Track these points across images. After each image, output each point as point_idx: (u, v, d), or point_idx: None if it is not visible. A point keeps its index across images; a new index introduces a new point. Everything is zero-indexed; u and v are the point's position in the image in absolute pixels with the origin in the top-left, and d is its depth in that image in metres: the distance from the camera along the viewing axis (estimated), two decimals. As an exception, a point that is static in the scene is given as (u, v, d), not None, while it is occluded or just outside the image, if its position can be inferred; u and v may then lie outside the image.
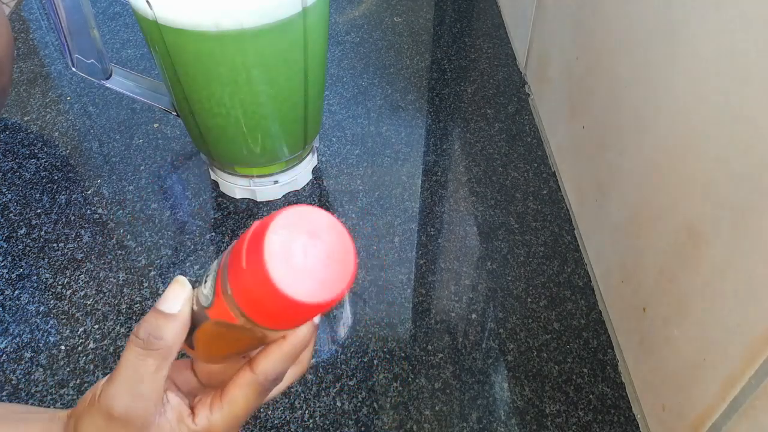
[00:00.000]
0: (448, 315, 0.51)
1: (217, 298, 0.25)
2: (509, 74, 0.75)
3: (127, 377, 0.26)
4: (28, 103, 0.70)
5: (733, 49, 0.33)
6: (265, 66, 0.47)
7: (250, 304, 0.24)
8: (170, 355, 0.27)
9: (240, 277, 0.24)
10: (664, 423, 0.41)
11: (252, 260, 0.23)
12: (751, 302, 0.32)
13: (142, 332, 0.26)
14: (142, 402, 0.26)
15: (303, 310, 0.24)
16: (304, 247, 0.24)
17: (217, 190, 0.61)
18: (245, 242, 0.24)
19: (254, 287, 0.23)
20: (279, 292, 0.22)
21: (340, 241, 0.25)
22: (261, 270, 0.22)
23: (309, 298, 0.23)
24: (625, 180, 0.46)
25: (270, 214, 0.24)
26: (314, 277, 0.23)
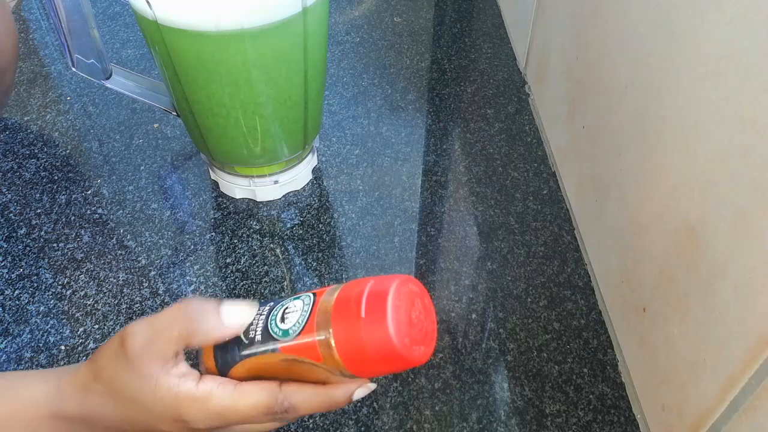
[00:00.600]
0: (448, 315, 0.51)
1: (305, 336, 0.29)
2: (509, 74, 0.75)
3: (152, 327, 0.29)
4: (28, 103, 0.70)
5: (733, 49, 0.33)
6: (265, 66, 0.47)
7: (354, 351, 0.28)
8: (192, 341, 0.29)
9: (352, 326, 0.27)
10: (664, 423, 0.41)
11: (373, 315, 0.27)
12: (751, 302, 0.32)
13: (192, 310, 0.29)
14: (149, 352, 0.29)
15: (397, 365, 0.28)
16: (410, 312, 0.28)
17: (217, 190, 0.61)
18: (364, 297, 0.28)
19: (368, 338, 0.27)
20: (393, 347, 0.27)
21: (429, 311, 0.30)
22: (382, 325, 0.27)
23: (411, 356, 0.27)
24: (625, 180, 0.46)
25: (376, 277, 0.29)
26: (414, 339, 0.28)
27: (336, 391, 0.30)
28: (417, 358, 0.28)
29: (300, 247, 0.56)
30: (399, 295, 0.28)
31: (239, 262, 0.54)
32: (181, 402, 0.29)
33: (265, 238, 0.57)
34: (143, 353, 0.29)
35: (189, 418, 0.29)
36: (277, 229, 0.58)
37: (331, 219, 0.58)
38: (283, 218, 0.58)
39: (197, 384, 0.29)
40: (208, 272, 0.53)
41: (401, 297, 0.28)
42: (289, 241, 0.56)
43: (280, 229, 0.57)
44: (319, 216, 0.58)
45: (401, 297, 0.28)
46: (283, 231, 0.57)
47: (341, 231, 0.57)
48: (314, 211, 0.59)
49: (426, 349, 0.29)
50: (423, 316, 0.29)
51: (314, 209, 0.59)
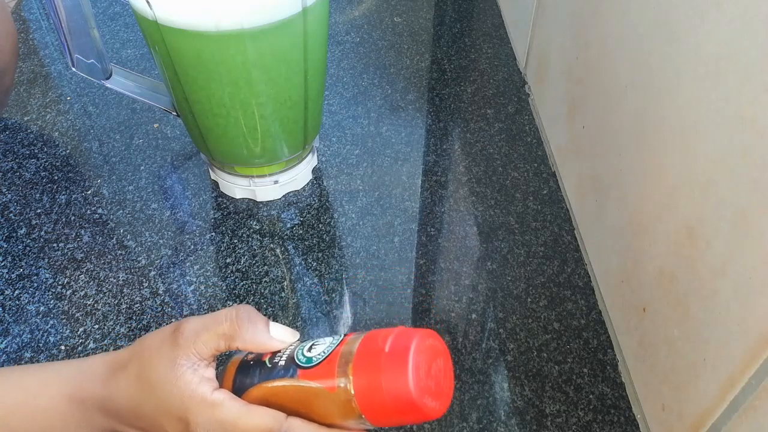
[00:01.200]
0: (448, 315, 0.51)
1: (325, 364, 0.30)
2: (509, 74, 0.75)
3: (205, 320, 0.32)
4: (28, 103, 0.70)
5: (733, 49, 0.33)
6: (265, 66, 0.47)
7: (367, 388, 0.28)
8: (236, 341, 0.31)
9: (373, 361, 0.28)
10: (664, 423, 0.41)
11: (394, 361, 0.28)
12: (751, 302, 0.32)
13: (244, 315, 0.32)
14: (194, 342, 0.31)
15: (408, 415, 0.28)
16: (430, 366, 0.29)
17: (217, 190, 0.61)
18: (387, 346, 0.28)
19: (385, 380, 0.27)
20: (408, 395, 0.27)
21: (447, 366, 0.30)
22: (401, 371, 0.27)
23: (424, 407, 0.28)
24: (625, 180, 0.46)
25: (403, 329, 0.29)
26: (431, 392, 0.28)
27: None
28: (430, 411, 0.28)
29: (300, 247, 0.56)
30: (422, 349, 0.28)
31: (239, 262, 0.54)
32: (192, 400, 0.30)
33: (265, 238, 0.57)
34: (189, 342, 0.31)
35: (193, 420, 0.30)
36: (277, 229, 0.58)
37: (331, 219, 0.58)
38: (283, 218, 0.58)
39: (212, 391, 0.31)
40: (208, 272, 0.53)
41: (424, 350, 0.29)
42: (289, 241, 0.56)
43: (280, 229, 0.57)
44: (319, 216, 0.58)
45: (424, 350, 0.29)
46: (283, 231, 0.57)
47: (341, 231, 0.57)
48: (314, 211, 0.59)
49: (441, 405, 0.29)
50: (441, 372, 0.30)
51: (314, 209, 0.59)
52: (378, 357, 0.28)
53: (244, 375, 0.32)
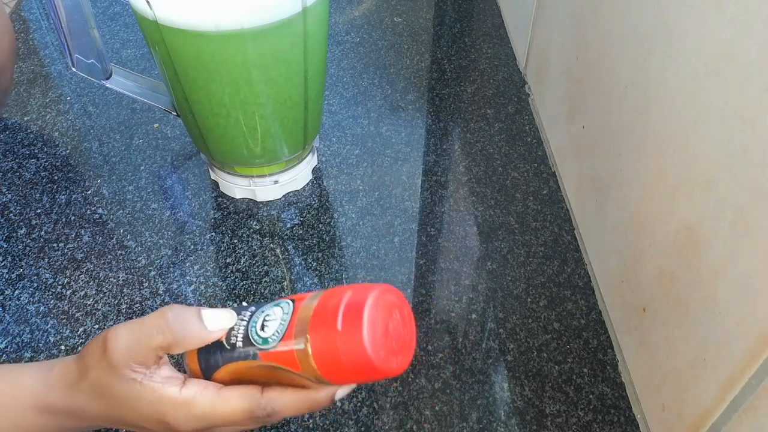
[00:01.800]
0: (448, 315, 0.51)
1: (283, 345, 0.29)
2: (509, 74, 0.75)
3: (133, 333, 0.30)
4: (28, 103, 0.70)
5: (733, 49, 0.33)
6: (265, 66, 0.47)
7: (330, 362, 0.28)
8: (174, 348, 0.30)
9: (329, 338, 0.28)
10: (664, 423, 0.41)
11: (349, 327, 0.27)
12: (751, 302, 0.32)
13: (173, 318, 0.30)
14: (130, 358, 0.30)
15: (374, 376, 0.28)
16: (387, 324, 0.29)
17: (217, 190, 0.61)
18: (341, 309, 0.28)
19: (344, 350, 0.27)
20: (368, 360, 0.27)
21: (408, 321, 0.30)
22: (357, 338, 0.27)
23: (387, 368, 0.28)
24: (625, 180, 0.46)
25: (353, 286, 0.29)
26: (391, 350, 0.28)
27: (318, 394, 0.31)
28: (393, 369, 0.28)
29: (300, 247, 0.56)
30: (376, 307, 0.28)
31: (239, 262, 0.54)
32: (164, 405, 0.30)
33: (265, 238, 0.57)
34: (125, 359, 0.29)
35: (172, 421, 0.30)
36: (277, 229, 0.58)
37: (331, 219, 0.58)
38: (283, 218, 0.58)
39: (180, 389, 0.30)
40: (208, 272, 0.53)
41: (378, 309, 0.28)
42: (289, 241, 0.56)
43: (280, 229, 0.57)
44: (319, 216, 0.58)
45: (378, 309, 0.28)
46: (283, 231, 0.57)
47: (341, 231, 0.57)
48: (314, 211, 0.59)
49: (403, 359, 0.29)
50: (401, 327, 0.30)
51: (314, 209, 0.59)
52: (333, 330, 0.28)
53: (207, 356, 0.32)
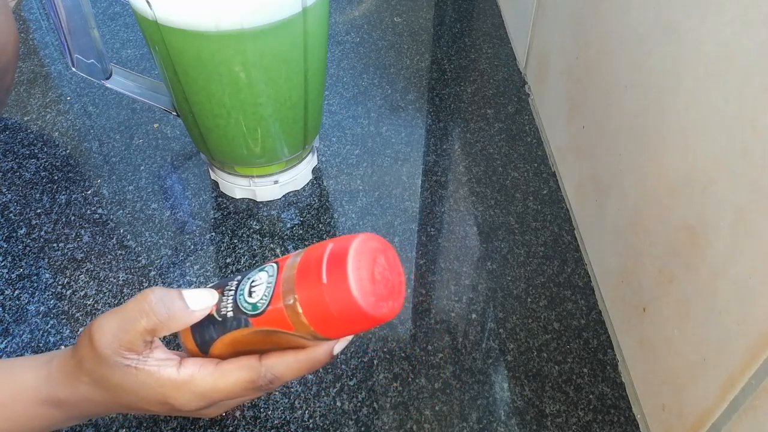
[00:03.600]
0: (448, 315, 0.51)
1: (273, 307, 0.29)
2: (509, 74, 0.75)
3: (117, 321, 0.29)
4: (28, 103, 0.70)
5: (733, 49, 0.33)
6: (265, 66, 0.47)
7: (321, 316, 0.28)
8: (160, 331, 0.30)
9: (316, 292, 0.27)
10: (664, 423, 0.41)
11: (334, 278, 0.27)
12: (751, 302, 0.32)
13: (156, 300, 0.29)
14: (118, 347, 0.29)
15: (368, 323, 0.28)
16: (373, 270, 0.28)
17: (217, 190, 0.61)
18: (324, 261, 0.27)
19: (333, 301, 0.27)
20: (359, 308, 0.27)
21: (395, 265, 0.30)
22: (344, 287, 0.27)
23: (379, 313, 0.28)
24: (625, 180, 0.46)
25: (334, 239, 0.29)
26: (380, 295, 0.28)
27: (316, 352, 0.30)
28: (385, 314, 0.28)
29: (300, 247, 0.56)
30: (360, 255, 0.28)
31: (239, 262, 0.54)
32: (164, 387, 0.30)
33: (265, 238, 0.57)
34: (113, 348, 0.29)
35: (174, 402, 0.30)
36: (277, 229, 0.58)
37: (331, 219, 0.58)
38: (283, 218, 0.58)
39: (178, 369, 0.30)
40: (208, 272, 0.53)
41: (362, 256, 0.28)
42: (289, 241, 0.56)
43: (280, 229, 0.57)
44: (319, 216, 0.58)
45: (362, 256, 0.28)
46: (283, 231, 0.57)
47: (341, 231, 0.57)
48: (314, 211, 0.59)
49: (394, 303, 0.29)
50: (387, 272, 0.29)
51: (314, 209, 0.59)
52: (319, 283, 0.27)
53: (201, 332, 0.31)
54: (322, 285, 0.27)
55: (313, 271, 0.28)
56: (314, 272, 0.28)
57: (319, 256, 0.28)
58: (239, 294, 0.30)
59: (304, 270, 0.28)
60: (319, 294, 0.27)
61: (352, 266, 0.27)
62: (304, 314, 0.28)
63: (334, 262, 0.27)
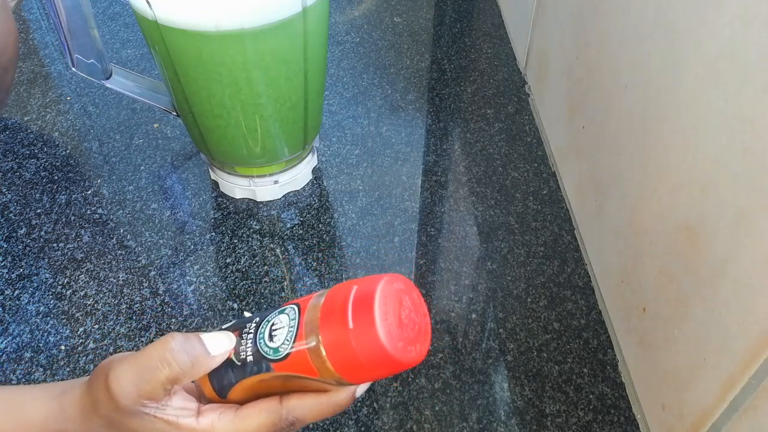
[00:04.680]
0: (448, 315, 0.51)
1: (296, 352, 0.28)
2: (509, 74, 0.75)
3: (138, 369, 0.28)
4: (28, 103, 0.70)
5: (733, 49, 0.33)
6: (265, 66, 0.47)
7: (347, 362, 0.27)
8: (183, 379, 0.29)
9: (342, 338, 0.27)
10: (664, 423, 0.41)
11: (361, 323, 0.26)
12: (751, 302, 0.32)
13: (177, 347, 0.28)
14: (138, 395, 0.28)
15: (395, 369, 0.27)
16: (399, 313, 0.27)
17: (217, 190, 0.61)
18: (349, 305, 0.27)
19: (360, 347, 0.26)
20: (386, 354, 0.26)
21: (420, 306, 0.29)
22: (371, 333, 0.26)
23: (407, 358, 0.27)
24: (625, 180, 0.46)
25: (358, 280, 0.28)
26: (408, 339, 0.27)
27: (339, 395, 0.30)
28: (414, 358, 0.27)
29: (300, 247, 0.56)
30: (385, 298, 0.27)
31: (239, 262, 0.54)
32: None
33: (265, 238, 0.57)
34: (132, 398, 0.28)
35: None
36: (277, 229, 0.58)
37: (331, 219, 0.58)
38: (283, 218, 0.58)
39: (197, 418, 0.29)
40: (208, 272, 0.53)
41: (388, 299, 0.27)
42: (289, 241, 0.56)
43: (280, 229, 0.57)
44: (319, 216, 0.58)
45: (388, 299, 0.27)
46: (283, 231, 0.57)
47: (341, 231, 0.57)
48: (314, 211, 0.59)
49: (421, 347, 0.28)
50: (414, 314, 0.28)
51: (314, 209, 0.59)
52: (345, 328, 0.26)
53: (219, 377, 0.31)
54: (348, 330, 0.26)
55: (338, 315, 0.27)
56: (339, 317, 0.27)
57: (344, 299, 0.27)
58: (259, 338, 0.30)
59: (328, 314, 0.28)
60: (346, 340, 0.27)
61: (379, 310, 0.26)
62: (329, 360, 0.27)
63: (360, 306, 0.27)
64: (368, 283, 0.27)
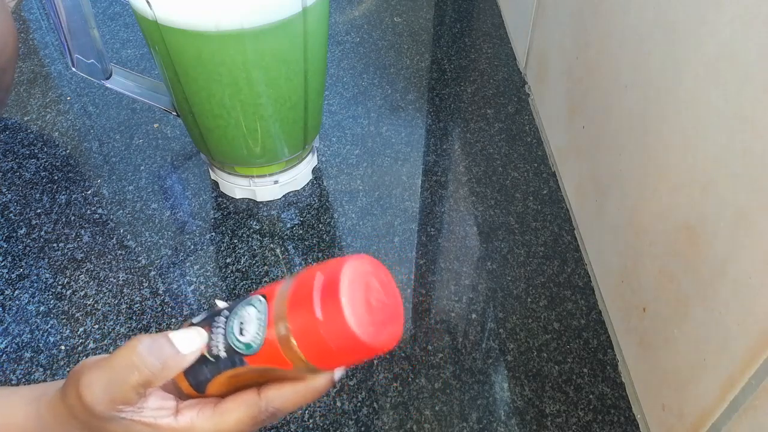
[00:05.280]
0: (448, 315, 0.51)
1: (267, 346, 0.28)
2: (509, 74, 0.75)
3: (109, 378, 0.27)
4: (28, 103, 0.70)
5: (733, 49, 0.33)
6: (265, 66, 0.47)
7: (319, 352, 0.27)
8: (155, 382, 0.28)
9: (311, 329, 0.26)
10: (664, 423, 0.41)
11: (329, 312, 0.26)
12: (751, 302, 0.32)
13: (144, 350, 0.27)
14: (111, 401, 0.27)
15: (369, 353, 0.27)
16: (368, 296, 0.27)
17: (217, 190, 0.61)
18: (315, 295, 0.26)
19: (330, 337, 0.26)
20: (358, 340, 0.25)
21: (389, 286, 0.28)
22: (340, 321, 0.25)
23: (379, 342, 0.26)
24: (625, 180, 0.46)
25: (322, 265, 0.27)
26: (379, 323, 0.27)
27: (316, 382, 0.29)
28: (387, 341, 0.27)
29: (300, 247, 0.56)
30: (352, 284, 0.26)
31: (239, 262, 0.54)
32: None
33: (265, 238, 0.57)
34: (105, 404, 0.28)
35: None
36: (277, 229, 0.58)
37: (331, 219, 0.58)
38: (283, 218, 0.58)
39: (176, 417, 0.29)
40: (208, 272, 0.53)
41: (354, 284, 0.26)
42: (289, 241, 0.56)
43: (280, 229, 0.57)
44: (319, 216, 0.58)
45: (354, 284, 0.26)
46: (283, 231, 0.57)
47: (341, 231, 0.57)
48: (314, 211, 0.59)
49: (394, 328, 0.28)
50: (383, 295, 0.28)
51: (314, 209, 0.59)
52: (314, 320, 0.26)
53: (195, 374, 0.30)
54: (317, 321, 0.26)
55: (305, 306, 0.26)
56: (307, 307, 0.26)
57: (308, 288, 0.27)
58: (229, 333, 0.29)
59: (295, 305, 0.27)
60: (315, 331, 0.26)
61: (345, 297, 0.26)
62: (301, 351, 0.27)
63: (327, 295, 0.26)
64: (332, 267, 0.27)
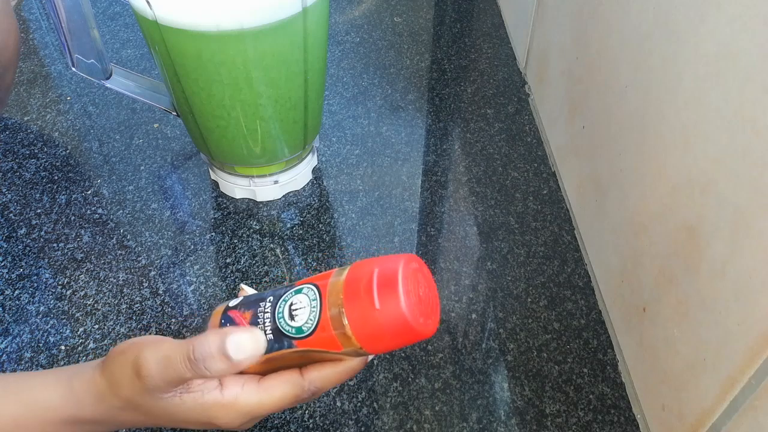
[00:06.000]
0: (448, 315, 0.51)
1: (321, 331, 0.30)
2: (509, 74, 0.75)
3: (165, 360, 0.29)
4: (28, 103, 0.70)
5: (733, 49, 0.33)
6: (265, 66, 0.47)
7: (372, 338, 0.29)
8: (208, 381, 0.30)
9: (369, 317, 0.29)
10: (664, 423, 0.41)
11: (387, 304, 0.29)
12: (751, 302, 0.32)
13: (198, 353, 0.28)
14: (167, 382, 0.29)
15: (414, 340, 0.30)
16: (418, 291, 0.30)
17: (217, 190, 0.61)
18: (374, 287, 0.29)
19: (386, 326, 0.29)
20: (411, 329, 0.29)
21: (429, 281, 0.32)
22: (398, 313, 0.29)
23: (426, 331, 0.30)
24: (625, 180, 0.46)
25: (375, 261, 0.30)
26: (425, 314, 0.30)
27: (354, 362, 0.31)
28: (431, 330, 0.30)
29: (300, 247, 0.56)
30: (407, 279, 0.29)
31: (239, 262, 0.54)
32: (209, 410, 0.30)
33: (265, 238, 0.57)
34: (160, 386, 0.29)
35: (219, 422, 0.30)
36: (277, 229, 0.58)
37: (331, 219, 0.58)
38: (283, 218, 0.58)
39: (221, 391, 0.30)
40: (208, 272, 0.53)
41: (409, 279, 0.30)
42: (289, 241, 0.56)
43: (280, 229, 0.57)
44: (319, 216, 0.58)
45: (409, 279, 0.30)
46: (283, 231, 0.57)
47: (341, 231, 0.57)
48: (314, 211, 0.59)
49: (435, 317, 0.31)
50: (427, 290, 0.31)
51: (314, 209, 0.59)
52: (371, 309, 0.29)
53: None
54: (375, 311, 0.29)
55: (363, 295, 0.29)
56: (366, 297, 0.29)
57: (368, 280, 0.29)
58: (278, 317, 0.31)
59: (352, 294, 0.30)
60: (373, 319, 0.29)
61: (403, 290, 0.29)
62: (355, 336, 0.29)
63: (385, 288, 0.29)
64: (389, 263, 0.30)
